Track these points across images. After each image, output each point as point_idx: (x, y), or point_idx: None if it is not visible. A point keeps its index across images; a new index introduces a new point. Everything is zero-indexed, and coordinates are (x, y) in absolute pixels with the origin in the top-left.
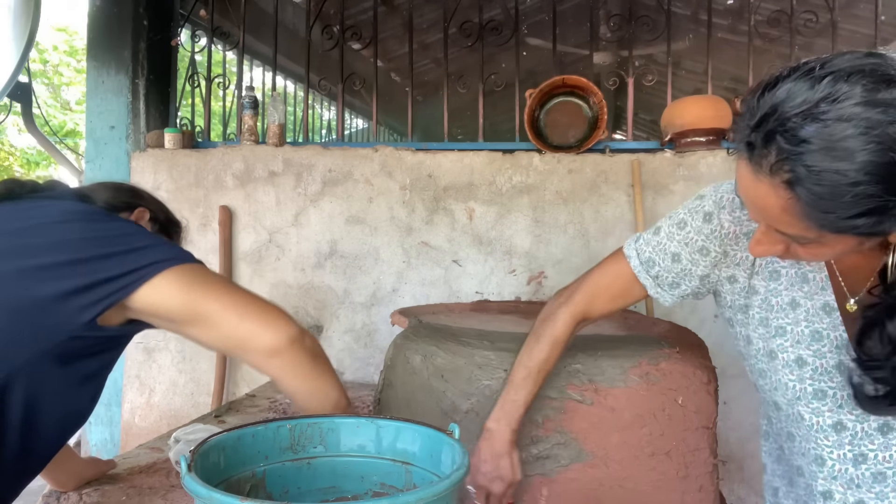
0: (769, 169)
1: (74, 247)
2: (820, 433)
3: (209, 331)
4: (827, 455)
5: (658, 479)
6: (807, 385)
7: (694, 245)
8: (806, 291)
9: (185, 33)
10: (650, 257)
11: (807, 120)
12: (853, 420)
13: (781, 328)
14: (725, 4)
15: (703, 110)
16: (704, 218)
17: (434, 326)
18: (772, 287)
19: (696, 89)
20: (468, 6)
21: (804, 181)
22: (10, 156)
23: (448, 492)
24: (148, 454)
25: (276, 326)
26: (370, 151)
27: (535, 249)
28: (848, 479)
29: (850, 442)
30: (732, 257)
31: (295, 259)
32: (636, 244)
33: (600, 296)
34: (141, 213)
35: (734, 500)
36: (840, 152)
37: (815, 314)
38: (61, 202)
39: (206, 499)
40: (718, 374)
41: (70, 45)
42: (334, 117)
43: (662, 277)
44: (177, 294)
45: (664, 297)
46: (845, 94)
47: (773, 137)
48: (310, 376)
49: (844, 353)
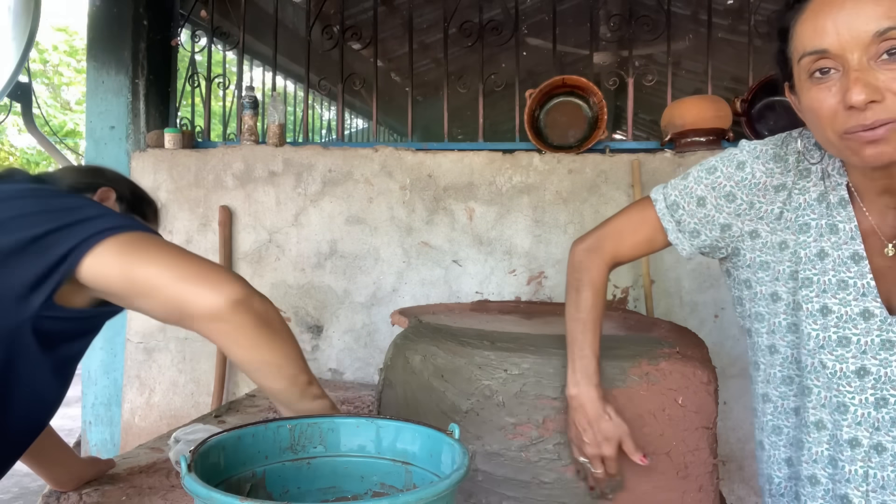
0: None
1: (19, 224)
2: (843, 380)
3: (149, 299)
4: (849, 401)
5: (658, 479)
6: (831, 333)
7: (721, 190)
8: (834, 242)
9: (185, 33)
10: (675, 200)
11: None
12: (876, 365)
13: (808, 279)
14: (725, 4)
15: (703, 110)
16: (737, 166)
17: (434, 326)
18: (801, 240)
19: (696, 89)
20: (468, 6)
21: None
22: (10, 156)
23: (448, 492)
24: (148, 454)
25: (218, 287)
26: (370, 151)
27: (535, 249)
28: (871, 424)
29: (873, 386)
30: (757, 210)
31: (295, 259)
32: (664, 189)
33: (626, 240)
34: (105, 193)
35: (734, 500)
36: None
37: (842, 263)
38: (15, 184)
39: (206, 499)
40: (718, 374)
41: (70, 45)
42: (334, 117)
43: (685, 223)
44: (115, 263)
45: (683, 244)
46: None
47: None
48: (256, 344)
49: (870, 300)
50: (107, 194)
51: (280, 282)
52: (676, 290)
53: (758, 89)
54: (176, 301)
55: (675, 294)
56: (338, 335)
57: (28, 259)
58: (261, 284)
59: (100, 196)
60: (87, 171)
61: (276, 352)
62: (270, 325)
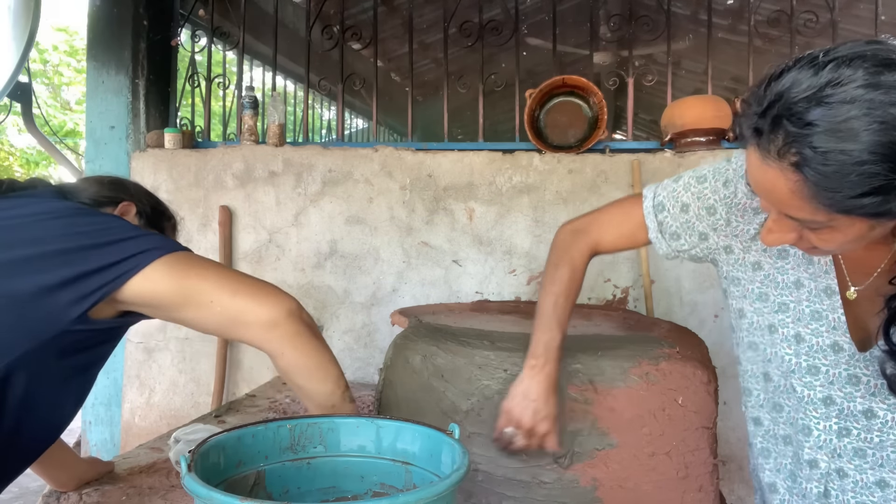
0: (777, 153)
1: (58, 241)
2: (810, 405)
3: (204, 311)
4: (814, 426)
5: (658, 479)
6: (802, 360)
7: (705, 201)
8: (811, 273)
9: (185, 33)
10: (662, 202)
11: (812, 103)
12: (842, 397)
13: (784, 304)
14: (725, 4)
15: (703, 110)
16: (724, 182)
17: (434, 326)
18: (779, 265)
19: (696, 89)
20: (468, 6)
21: (811, 162)
22: (10, 156)
23: (448, 492)
24: (148, 454)
25: (272, 300)
26: (370, 151)
27: (535, 249)
28: (831, 450)
29: (838, 416)
30: (733, 228)
31: (295, 259)
32: (656, 188)
33: (611, 231)
34: (126, 208)
35: (734, 500)
36: (845, 133)
37: (816, 295)
38: (42, 200)
39: (206, 499)
40: (718, 374)
41: (70, 45)
42: (334, 117)
43: (667, 224)
44: (168, 280)
45: (662, 245)
46: (848, 78)
47: (780, 122)
48: (310, 348)
49: (840, 335)
50: (127, 208)
51: (280, 282)
52: (676, 290)
53: None
54: (234, 311)
55: (675, 294)
56: (338, 335)
57: (64, 273)
58: None
59: (121, 210)
60: (109, 184)
61: (325, 356)
62: (318, 334)
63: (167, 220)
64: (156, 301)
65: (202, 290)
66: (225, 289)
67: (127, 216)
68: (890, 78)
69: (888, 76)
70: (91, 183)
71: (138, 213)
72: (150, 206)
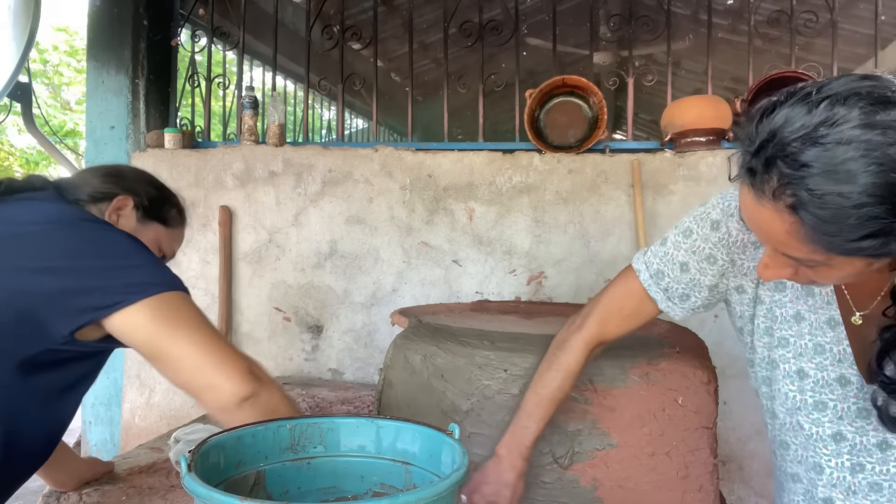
0: (772, 194)
1: (55, 256)
2: (819, 442)
3: (169, 373)
4: (825, 463)
5: (658, 479)
6: (807, 396)
7: (701, 253)
8: (811, 305)
9: (185, 33)
10: (659, 269)
11: (806, 144)
12: (853, 432)
13: (784, 339)
14: (725, 4)
15: (703, 110)
16: (712, 226)
17: (434, 326)
18: (776, 298)
19: (696, 89)
20: (468, 6)
21: (807, 205)
22: (10, 156)
23: (448, 492)
24: (148, 454)
25: (230, 384)
26: (370, 151)
27: (535, 249)
28: (846, 487)
29: (850, 452)
30: (740, 266)
31: (295, 259)
32: (644, 257)
33: (613, 317)
34: (122, 202)
35: (734, 500)
36: (842, 175)
37: (818, 328)
38: (41, 205)
39: (206, 499)
40: (718, 374)
41: (70, 45)
42: (334, 117)
43: (672, 289)
44: (145, 330)
45: (675, 310)
46: (843, 118)
47: (774, 163)
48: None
49: (846, 367)
50: (123, 202)
51: (280, 282)
52: None
53: (758, 89)
54: (190, 387)
55: None
56: (338, 335)
57: (57, 301)
58: (261, 284)
59: (116, 205)
60: (106, 176)
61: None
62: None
63: (169, 209)
64: (130, 342)
65: (171, 356)
66: (190, 361)
67: (123, 211)
68: (886, 117)
69: (884, 115)
70: (89, 176)
71: (135, 206)
72: (148, 198)
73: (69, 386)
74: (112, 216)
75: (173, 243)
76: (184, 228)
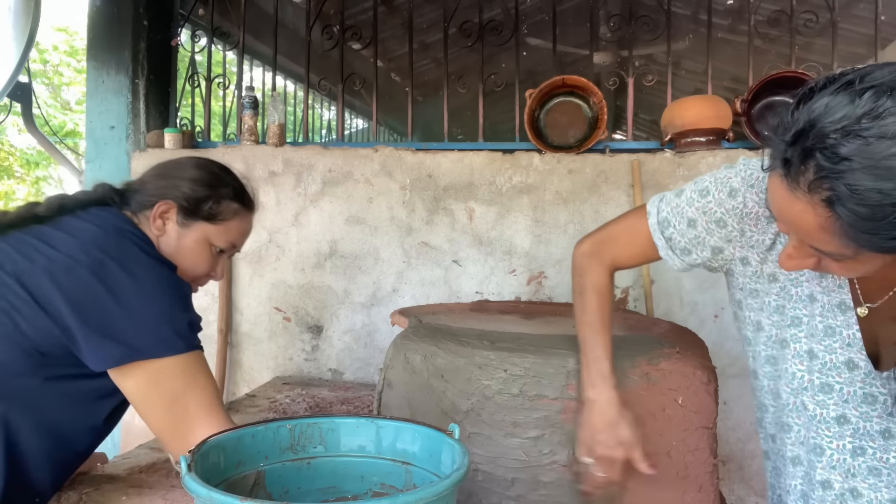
0: (807, 187)
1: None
2: (822, 424)
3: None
4: (826, 445)
5: (658, 479)
6: (815, 377)
7: (712, 215)
8: (824, 287)
9: (185, 33)
10: (667, 217)
11: (847, 137)
12: (857, 416)
13: (797, 318)
14: (725, 4)
15: (703, 110)
16: (730, 193)
17: (434, 326)
18: (793, 277)
19: (696, 89)
20: (468, 6)
21: (845, 201)
22: (10, 156)
23: (448, 492)
24: (148, 454)
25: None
26: (370, 151)
27: (535, 249)
28: (845, 470)
29: (852, 435)
30: (749, 238)
31: (295, 259)
32: (659, 202)
33: (623, 250)
34: (163, 207)
35: (734, 500)
36: (884, 171)
37: (830, 310)
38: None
39: (206, 499)
40: (718, 374)
41: (70, 45)
42: (334, 117)
43: (675, 241)
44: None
45: (674, 261)
46: (889, 111)
47: (812, 154)
48: None
49: (855, 352)
50: (165, 208)
51: (280, 282)
52: (676, 290)
53: (758, 89)
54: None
55: (675, 294)
56: (338, 335)
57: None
58: (261, 284)
59: (157, 213)
60: (154, 178)
61: None
62: None
63: (214, 204)
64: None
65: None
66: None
67: (168, 215)
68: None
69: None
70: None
71: (178, 209)
72: (187, 198)
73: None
74: (157, 223)
75: (229, 236)
76: (241, 218)
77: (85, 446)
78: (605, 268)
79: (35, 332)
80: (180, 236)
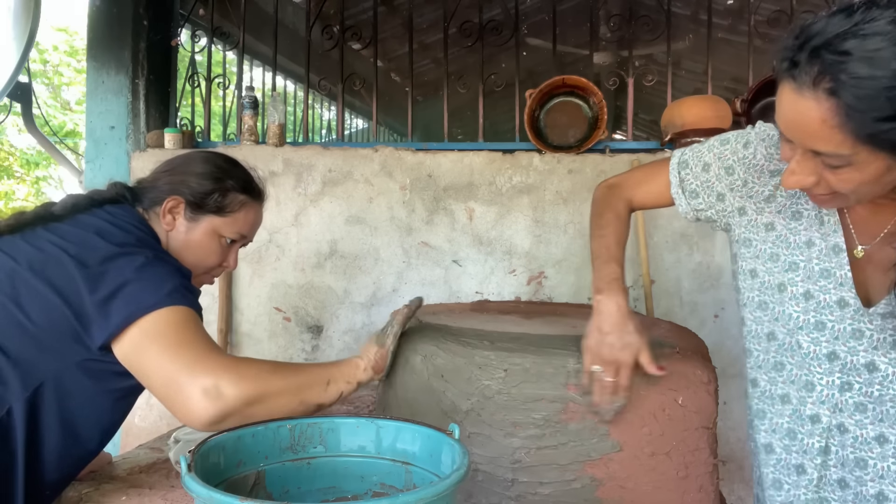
0: (812, 81)
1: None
2: (814, 361)
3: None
4: (817, 381)
5: (658, 479)
6: (810, 316)
7: (725, 161)
8: (822, 232)
9: (185, 33)
10: (687, 160)
11: (848, 36)
12: (845, 351)
13: (794, 263)
14: (725, 4)
15: (703, 110)
16: (745, 144)
17: (434, 326)
18: (792, 226)
19: (696, 89)
20: (468, 6)
21: (846, 86)
22: (10, 156)
23: (448, 492)
24: (148, 454)
25: (195, 410)
26: (370, 151)
27: (535, 249)
28: (833, 404)
29: (841, 370)
30: (749, 188)
31: (295, 259)
32: (683, 150)
33: (641, 187)
34: (171, 203)
35: (734, 500)
36: (876, 60)
37: (826, 253)
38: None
39: (206, 499)
40: (718, 374)
41: (70, 45)
42: (334, 117)
43: (687, 182)
44: (128, 359)
45: (682, 203)
46: (880, 15)
47: (818, 53)
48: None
49: (846, 290)
50: (174, 203)
51: (280, 282)
52: (676, 290)
53: (758, 89)
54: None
55: (675, 294)
56: (338, 335)
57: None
58: (261, 284)
59: (166, 209)
60: (162, 174)
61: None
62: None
63: (220, 196)
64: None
65: (145, 381)
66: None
67: (176, 210)
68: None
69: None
70: (158, 175)
71: (186, 203)
72: (193, 193)
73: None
74: (167, 219)
75: (238, 227)
76: (249, 208)
77: (95, 444)
78: (622, 200)
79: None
80: (189, 230)
